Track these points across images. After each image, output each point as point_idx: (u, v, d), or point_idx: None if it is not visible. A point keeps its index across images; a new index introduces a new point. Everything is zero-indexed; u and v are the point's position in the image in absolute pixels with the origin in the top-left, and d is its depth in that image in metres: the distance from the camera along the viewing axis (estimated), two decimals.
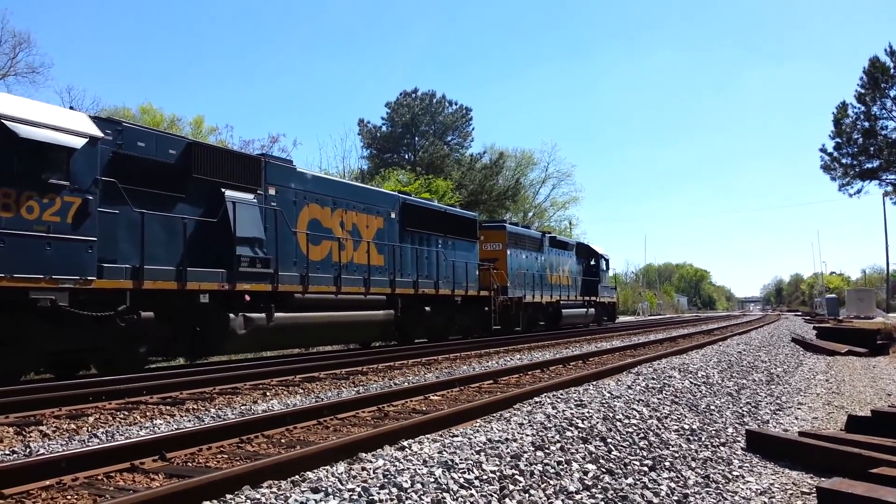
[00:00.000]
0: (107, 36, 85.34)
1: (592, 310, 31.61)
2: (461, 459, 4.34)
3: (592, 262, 33.09)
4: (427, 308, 18.40)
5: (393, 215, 17.71)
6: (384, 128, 44.37)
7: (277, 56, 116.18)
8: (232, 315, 12.30)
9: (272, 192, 13.90)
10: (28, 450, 5.68)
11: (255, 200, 13.40)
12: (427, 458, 4.39)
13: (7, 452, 5.59)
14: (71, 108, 15.33)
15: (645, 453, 5.34)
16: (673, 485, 4.83)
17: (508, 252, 23.84)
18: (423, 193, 31.47)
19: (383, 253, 16.98)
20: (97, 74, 76.89)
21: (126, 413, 7.53)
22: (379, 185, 27.49)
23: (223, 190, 12.64)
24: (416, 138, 44.23)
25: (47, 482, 4.37)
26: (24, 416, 7.12)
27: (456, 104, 45.61)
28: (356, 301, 15.62)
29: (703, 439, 6.26)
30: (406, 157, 43.99)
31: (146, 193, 11.26)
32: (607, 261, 35.38)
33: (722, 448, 6.20)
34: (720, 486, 5.18)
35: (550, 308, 27.37)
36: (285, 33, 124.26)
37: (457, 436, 5.17)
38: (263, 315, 12.98)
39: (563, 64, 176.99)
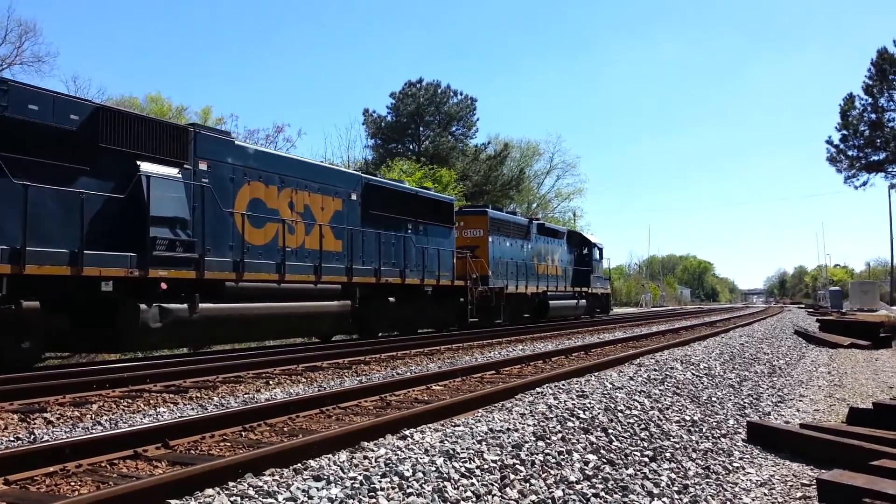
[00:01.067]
0: (114, 25, 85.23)
1: (584, 301, 30.33)
2: (462, 449, 4.36)
3: (585, 251, 31.64)
4: (392, 299, 16.89)
5: (354, 197, 16.09)
6: (389, 118, 44.29)
7: (284, 47, 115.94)
8: (143, 306, 10.66)
9: (203, 167, 12.22)
10: (32, 437, 5.72)
11: (180, 176, 11.74)
12: (429, 447, 4.42)
13: (12, 439, 5.63)
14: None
15: (646, 444, 5.36)
16: (673, 475, 4.85)
17: (490, 239, 22.58)
18: (426, 183, 31.40)
19: (341, 238, 15.40)
20: (104, 64, 76.85)
21: (130, 401, 7.57)
22: (382, 175, 26.58)
23: (138, 163, 11.05)
24: (421, 128, 44.14)
25: (51, 469, 4.41)
26: (28, 403, 7.17)
27: (461, 94, 45.49)
28: (304, 291, 14.06)
29: (704, 431, 6.28)
30: (411, 147, 43.92)
31: (37, 164, 9.68)
32: (601, 250, 33.86)
33: (723, 439, 6.22)
34: (720, 476, 5.19)
35: (536, 299, 25.96)
36: (292, 24, 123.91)
37: (458, 425, 5.19)
38: (185, 306, 11.32)
39: (568, 54, 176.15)
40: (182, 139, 11.97)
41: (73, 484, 4.25)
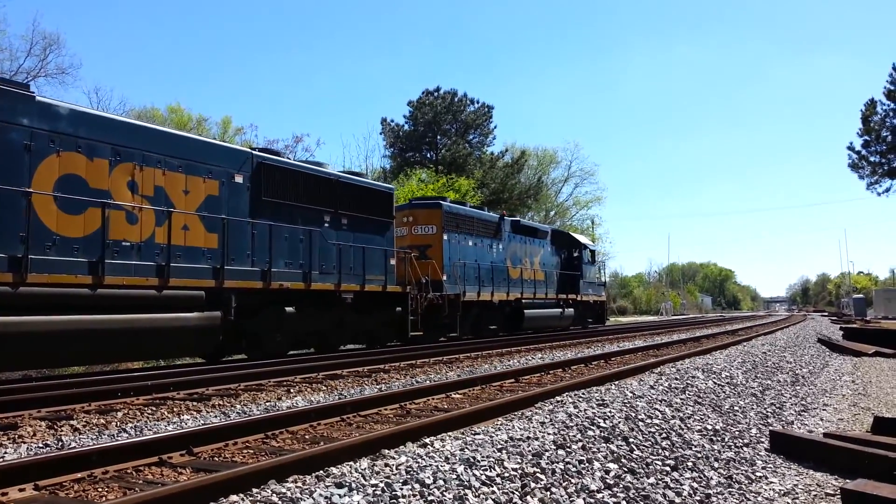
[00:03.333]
0: (135, 37, 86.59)
1: (571, 310, 26.31)
2: (483, 457, 4.37)
3: (575, 254, 27.83)
4: (290, 309, 13.60)
5: (239, 179, 12.92)
6: (406, 126, 44.51)
7: (304, 57, 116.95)
8: None
9: None
10: (60, 443, 5.83)
11: None
12: (449, 455, 4.44)
13: (40, 446, 5.73)
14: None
15: (667, 453, 5.34)
16: (695, 485, 4.83)
17: (446, 237, 19.40)
18: (446, 193, 31.42)
19: (215, 231, 12.18)
20: (125, 75, 78.03)
21: (154, 408, 7.67)
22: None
23: None
24: (438, 137, 44.30)
25: (79, 475, 4.49)
26: (55, 411, 7.30)
27: (478, 102, 45.57)
28: (140, 298, 10.61)
29: (726, 440, 6.23)
30: (428, 155, 44.09)
31: None
32: (593, 252, 30.33)
33: (745, 449, 6.17)
34: (743, 486, 5.16)
35: (507, 308, 22.30)
36: (311, 35, 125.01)
37: (479, 433, 5.21)
38: None
39: (585, 61, 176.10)
40: None
41: (100, 490, 4.32)
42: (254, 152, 13.66)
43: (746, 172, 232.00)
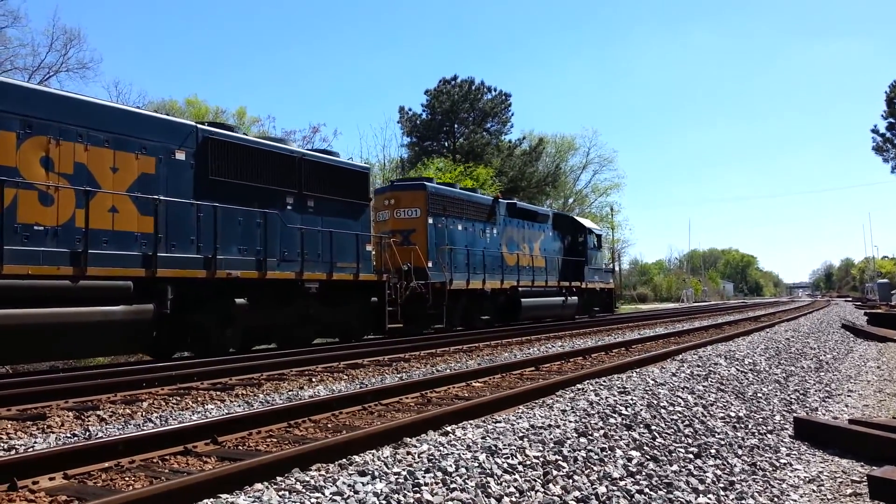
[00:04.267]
0: (153, 30, 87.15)
1: (574, 298, 24.83)
2: (504, 445, 4.38)
3: (580, 239, 26.33)
4: (241, 300, 12.18)
5: (180, 156, 11.62)
6: (424, 115, 44.42)
7: (319, 47, 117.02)
8: None
9: None
10: (87, 433, 5.93)
11: None
12: (471, 444, 4.45)
13: (68, 436, 5.84)
14: None
15: (690, 440, 5.31)
16: (719, 472, 4.80)
17: (431, 221, 18.03)
18: (465, 181, 31.34)
19: (149, 213, 10.79)
20: (145, 70, 78.62)
21: (178, 398, 7.77)
22: (418, 174, 25.30)
23: None
24: (456, 126, 44.16)
25: (106, 464, 4.56)
26: (82, 402, 7.42)
27: (495, 90, 45.33)
28: (52, 289, 9.30)
29: (749, 427, 6.19)
30: (446, 144, 43.99)
31: None
32: (599, 237, 28.49)
33: (769, 436, 6.12)
34: (767, 473, 5.12)
35: (502, 297, 20.92)
36: (327, 25, 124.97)
37: (500, 422, 5.21)
38: None
39: (600, 47, 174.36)
40: None
41: (127, 479, 4.39)
42: (198, 126, 12.26)
43: (768, 157, 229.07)
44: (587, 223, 28.07)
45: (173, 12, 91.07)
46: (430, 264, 17.67)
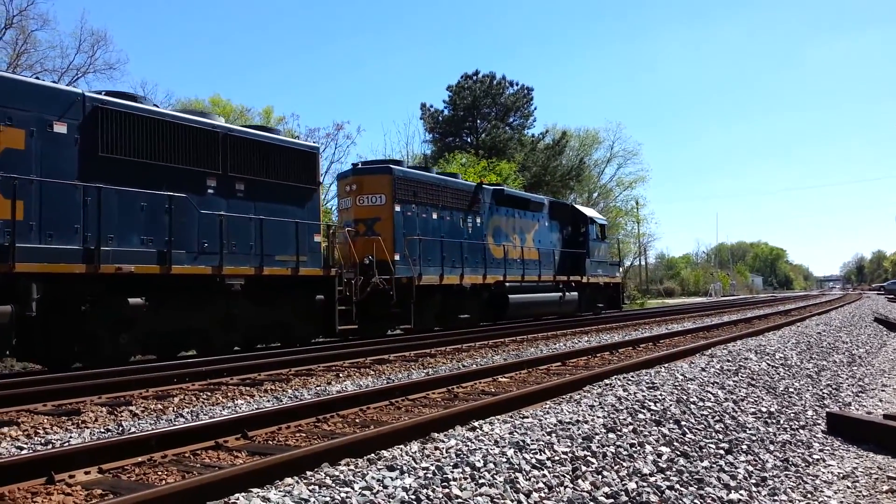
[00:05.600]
0: (179, 32, 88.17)
1: (574, 294, 22.73)
2: (532, 440, 4.37)
3: (582, 229, 24.17)
4: (138, 300, 10.26)
5: (60, 128, 9.82)
6: (446, 111, 44.35)
7: (341, 45, 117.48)
8: None
9: None
10: (120, 428, 6.02)
11: None
12: (498, 439, 4.44)
13: (102, 430, 5.94)
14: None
15: (721, 436, 5.24)
16: (750, 468, 4.74)
17: (398, 208, 16.11)
18: (489, 176, 31.22)
19: (7, 195, 8.93)
20: (170, 70, 79.60)
21: (209, 393, 7.87)
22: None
23: None
24: (478, 121, 44.03)
25: (140, 458, 4.63)
26: (114, 397, 7.55)
27: (517, 85, 45.04)
28: None
29: (781, 422, 6.10)
30: (468, 140, 43.89)
31: None
32: (603, 227, 26.22)
33: (801, 431, 6.03)
34: (800, 469, 5.04)
35: (486, 293, 18.87)
36: (349, 23, 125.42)
37: (527, 417, 5.20)
38: None
39: (622, 41, 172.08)
40: None
41: (160, 473, 4.46)
42: (86, 94, 10.41)
43: (797, 149, 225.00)
44: (589, 212, 25.99)
45: (198, 11, 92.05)
46: (396, 257, 15.79)
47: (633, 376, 7.14)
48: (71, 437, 5.69)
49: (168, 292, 10.92)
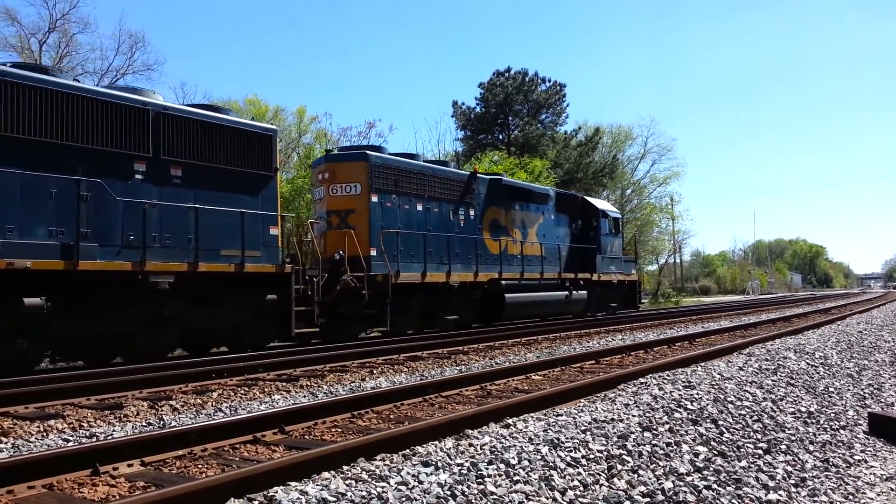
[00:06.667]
0: (216, 33, 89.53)
1: (583, 293, 20.90)
2: (567, 438, 4.36)
3: (594, 223, 22.37)
4: (37, 300, 9.00)
5: None
6: (478, 109, 44.28)
7: (374, 44, 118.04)
8: None
9: None
10: (161, 422, 6.17)
11: None
12: (532, 436, 4.45)
13: (143, 424, 6.09)
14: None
15: (759, 436, 5.17)
16: (790, 468, 4.66)
17: (375, 199, 14.69)
18: (519, 173, 31.12)
19: None
20: (207, 71, 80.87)
21: (246, 389, 8.01)
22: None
23: None
24: (510, 118, 43.89)
25: (180, 452, 4.74)
26: (155, 392, 7.73)
27: (549, 81, 44.73)
28: None
29: (821, 422, 5.99)
30: (500, 137, 43.77)
31: None
32: (617, 220, 23.91)
33: (842, 431, 5.91)
34: (841, 470, 4.95)
35: (478, 292, 17.16)
36: (381, 21, 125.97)
37: (561, 415, 5.19)
38: None
39: (655, 34, 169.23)
40: None
41: (200, 466, 4.56)
42: None
43: (837, 144, 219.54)
44: (601, 204, 23.96)
45: (233, 13, 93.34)
46: (372, 252, 14.36)
47: (668, 375, 7.08)
48: (114, 430, 5.84)
49: (80, 291, 9.68)
